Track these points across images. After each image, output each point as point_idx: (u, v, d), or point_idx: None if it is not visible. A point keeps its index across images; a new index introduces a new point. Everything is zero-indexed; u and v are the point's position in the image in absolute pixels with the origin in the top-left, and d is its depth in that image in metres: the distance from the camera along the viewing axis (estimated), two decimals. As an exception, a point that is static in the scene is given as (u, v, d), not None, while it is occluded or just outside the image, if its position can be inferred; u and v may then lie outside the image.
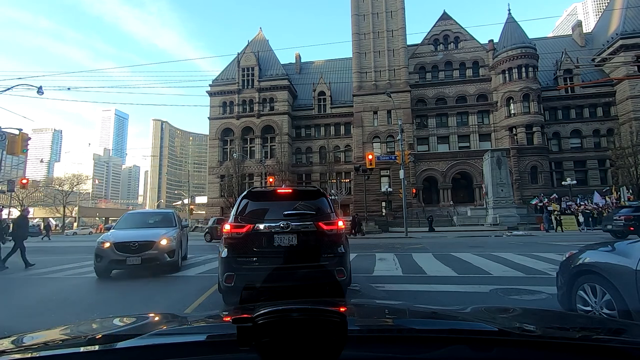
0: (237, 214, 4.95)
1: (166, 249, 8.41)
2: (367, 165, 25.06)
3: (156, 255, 8.21)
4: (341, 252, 4.91)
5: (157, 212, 12.19)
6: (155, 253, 8.20)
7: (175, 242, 8.79)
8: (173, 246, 8.63)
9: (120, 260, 7.99)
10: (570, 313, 3.11)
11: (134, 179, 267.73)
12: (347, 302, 2.58)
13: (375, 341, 1.06)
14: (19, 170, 75.65)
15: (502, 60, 42.34)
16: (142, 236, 8.43)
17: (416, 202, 39.98)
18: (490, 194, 30.37)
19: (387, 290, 6.24)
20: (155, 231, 8.86)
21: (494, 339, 1.03)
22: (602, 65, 43.79)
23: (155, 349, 1.01)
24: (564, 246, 11.53)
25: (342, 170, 46.20)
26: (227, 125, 49.12)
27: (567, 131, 43.13)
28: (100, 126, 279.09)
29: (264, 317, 0.79)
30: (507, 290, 5.84)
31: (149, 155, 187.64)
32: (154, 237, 8.46)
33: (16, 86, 18.97)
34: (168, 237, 8.64)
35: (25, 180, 28.97)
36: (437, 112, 45.51)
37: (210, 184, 49.90)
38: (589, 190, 36.39)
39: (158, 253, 8.23)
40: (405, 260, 10.20)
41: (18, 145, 17.80)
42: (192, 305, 5.33)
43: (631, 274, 3.06)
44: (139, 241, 8.22)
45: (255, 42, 52.47)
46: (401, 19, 45.03)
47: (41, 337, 1.29)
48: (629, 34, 40.47)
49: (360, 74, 45.25)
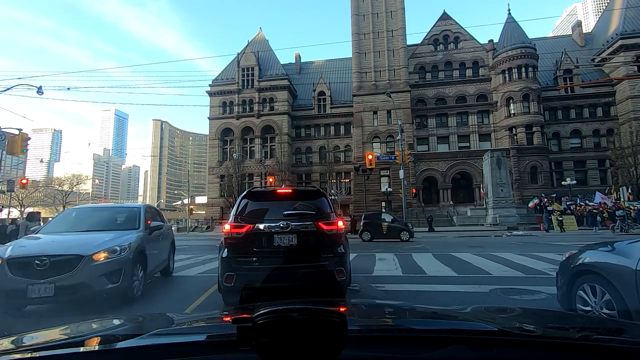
0: (237, 214, 4.95)
1: (102, 269, 5.03)
2: (367, 165, 25.09)
3: (82, 281, 4.85)
4: (341, 252, 4.91)
5: (117, 207, 8.11)
6: (82, 276, 4.85)
7: (125, 255, 5.36)
8: (119, 263, 5.21)
9: (16, 291, 4.67)
10: (570, 313, 3.11)
11: (134, 179, 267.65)
12: (347, 302, 2.59)
13: (375, 341, 1.06)
14: (18, 170, 75.62)
15: (502, 60, 42.36)
16: (61, 247, 5.15)
17: (416, 202, 39.99)
18: (490, 194, 30.36)
19: (387, 290, 6.24)
20: (95, 237, 5.54)
21: (494, 339, 1.03)
22: (602, 65, 43.81)
23: (155, 349, 1.01)
24: (563, 246, 11.53)
25: (342, 170, 46.21)
26: (227, 125, 49.13)
27: (567, 131, 43.15)
28: (100, 126, 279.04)
29: (264, 317, 0.79)
30: (507, 290, 5.85)
31: (148, 155, 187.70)
32: (84, 247, 5.11)
33: (16, 86, 18.99)
34: (110, 247, 5.26)
35: (25, 180, 28.99)
36: (437, 112, 45.52)
37: (210, 184, 49.91)
38: (589, 190, 36.42)
39: (87, 276, 4.90)
40: (405, 260, 10.20)
41: (18, 145, 17.81)
42: (192, 305, 5.34)
43: (631, 274, 3.06)
44: (53, 255, 4.86)
45: (255, 42, 52.50)
46: (401, 19, 45.05)
47: (41, 337, 1.29)
48: (629, 34, 40.50)
49: (360, 74, 45.26)
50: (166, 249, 7.85)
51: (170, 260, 8.16)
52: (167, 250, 7.93)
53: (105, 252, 5.21)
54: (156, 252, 6.91)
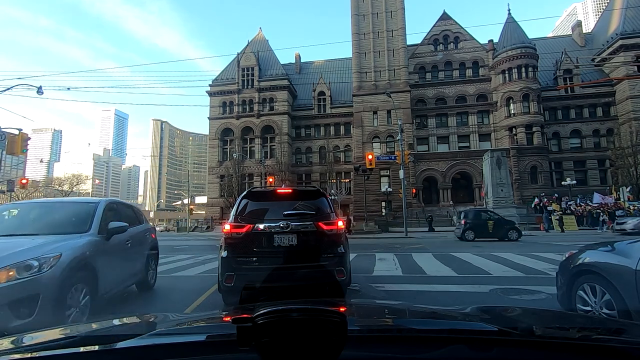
0: (237, 214, 4.95)
1: (4, 295, 3.28)
2: (367, 165, 25.07)
3: None
4: (341, 252, 4.91)
5: (68, 202, 6.43)
6: None
7: (47, 273, 3.56)
8: (33, 286, 3.43)
9: None
10: (570, 313, 3.11)
11: (134, 179, 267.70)
12: (347, 302, 2.59)
13: (375, 341, 1.06)
14: (18, 170, 75.62)
15: (502, 60, 42.36)
16: None
17: (416, 202, 40.00)
18: (490, 194, 30.34)
19: (387, 290, 6.24)
20: (8, 245, 3.85)
21: (494, 339, 1.03)
22: (601, 65, 43.82)
23: (155, 349, 1.01)
24: (563, 246, 11.54)
25: (342, 170, 46.21)
26: (227, 125, 49.13)
27: (567, 131, 43.16)
28: (100, 126, 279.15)
29: (263, 317, 0.79)
30: (507, 290, 5.85)
31: (148, 155, 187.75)
32: None
33: (16, 86, 18.99)
34: (20, 262, 3.49)
35: (25, 180, 29.00)
36: (437, 112, 45.52)
37: (210, 184, 49.91)
38: (589, 190, 36.44)
39: None
40: (405, 260, 10.20)
41: (18, 145, 17.82)
42: (192, 305, 5.33)
43: (631, 274, 3.06)
44: None
45: (255, 42, 52.50)
46: (401, 19, 45.05)
47: (41, 337, 1.29)
48: (629, 34, 40.51)
49: (360, 74, 45.27)
50: (141, 257, 6.10)
51: (150, 270, 6.53)
52: (143, 260, 6.18)
53: (11, 270, 3.37)
54: (119, 263, 5.23)
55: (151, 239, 6.85)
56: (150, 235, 6.86)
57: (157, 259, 7.14)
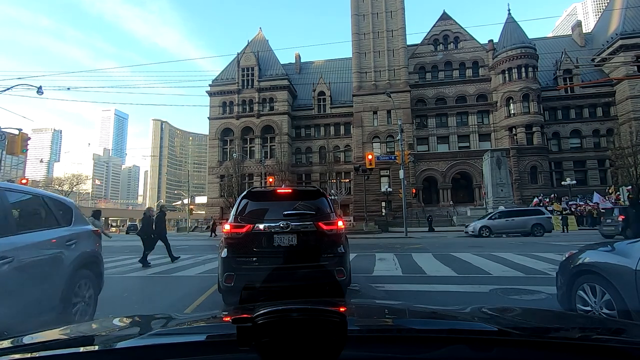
0: (237, 214, 4.94)
1: None
2: (367, 165, 25.06)
3: None
4: (341, 252, 4.91)
5: None
6: None
7: None
8: None
9: None
10: (570, 313, 3.11)
11: (134, 179, 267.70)
12: (347, 302, 2.58)
13: (375, 341, 1.06)
14: (18, 170, 75.59)
15: (501, 61, 42.37)
16: None
17: (416, 202, 40.01)
18: (490, 194, 30.39)
19: (387, 290, 6.24)
20: None
21: (494, 339, 1.03)
22: (601, 65, 43.84)
23: (155, 349, 1.01)
24: (563, 246, 11.54)
25: (342, 170, 46.22)
26: (226, 125, 49.15)
27: (567, 131, 43.17)
28: (100, 126, 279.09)
29: (263, 317, 0.79)
30: (507, 290, 5.84)
31: (148, 155, 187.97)
32: None
33: (16, 86, 19.00)
34: None
35: (25, 180, 28.97)
36: (437, 112, 45.54)
37: (210, 184, 49.92)
38: (589, 190, 36.44)
39: None
40: (405, 260, 10.20)
41: (18, 145, 17.82)
42: (192, 305, 5.33)
43: (631, 274, 3.06)
44: None
45: (255, 42, 52.52)
46: (401, 19, 45.07)
47: (41, 337, 1.29)
48: (629, 34, 40.52)
49: (360, 74, 45.28)
50: (50, 282, 3.58)
51: (79, 301, 3.98)
52: (58, 285, 3.65)
53: None
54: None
55: (83, 251, 4.22)
56: (84, 245, 4.29)
57: (98, 283, 4.51)
